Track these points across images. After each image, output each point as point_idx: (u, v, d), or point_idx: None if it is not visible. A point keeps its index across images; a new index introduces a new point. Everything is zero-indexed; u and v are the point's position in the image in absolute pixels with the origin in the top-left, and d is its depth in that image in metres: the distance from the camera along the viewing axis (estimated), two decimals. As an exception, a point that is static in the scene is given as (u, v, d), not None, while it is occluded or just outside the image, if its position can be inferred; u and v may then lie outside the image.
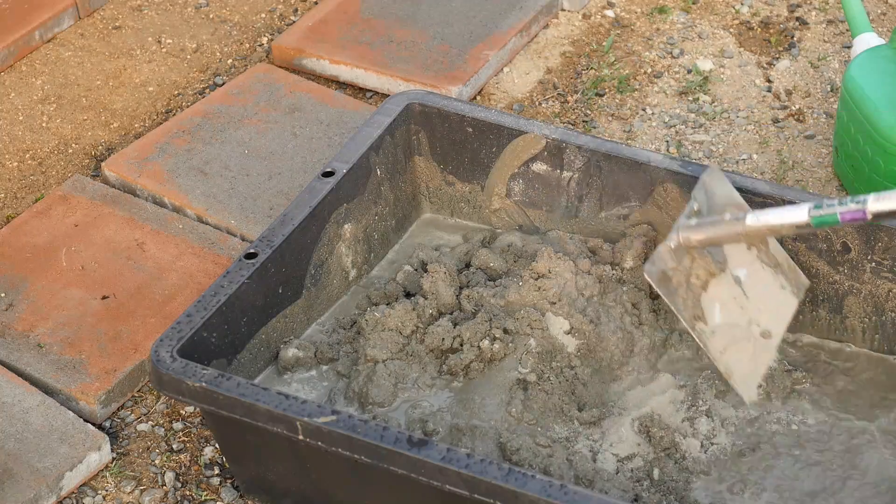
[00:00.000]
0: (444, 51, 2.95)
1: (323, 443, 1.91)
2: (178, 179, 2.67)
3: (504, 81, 2.96)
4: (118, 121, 2.89)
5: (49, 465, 2.16)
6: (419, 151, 2.49)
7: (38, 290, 2.45)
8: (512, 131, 2.41)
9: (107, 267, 2.50)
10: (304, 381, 2.22)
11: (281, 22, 3.16)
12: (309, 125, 2.80)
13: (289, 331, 2.26)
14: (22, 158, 2.80)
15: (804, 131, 2.84)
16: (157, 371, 1.99)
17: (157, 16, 3.18)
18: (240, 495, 2.19)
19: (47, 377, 2.30)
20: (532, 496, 1.79)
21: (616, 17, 3.15)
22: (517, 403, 2.12)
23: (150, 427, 2.30)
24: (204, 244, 2.53)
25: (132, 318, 2.40)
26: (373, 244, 2.42)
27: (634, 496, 2.03)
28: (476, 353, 2.18)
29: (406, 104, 2.45)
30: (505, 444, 2.06)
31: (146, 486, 2.22)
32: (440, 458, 1.84)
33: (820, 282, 2.26)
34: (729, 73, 2.99)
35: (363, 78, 2.93)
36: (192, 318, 2.07)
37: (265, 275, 2.18)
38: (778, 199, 2.23)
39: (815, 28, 3.10)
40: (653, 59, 3.03)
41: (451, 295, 2.28)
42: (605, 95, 2.93)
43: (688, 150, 2.79)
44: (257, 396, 1.94)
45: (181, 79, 3.00)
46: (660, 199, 2.33)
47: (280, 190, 2.65)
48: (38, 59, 3.04)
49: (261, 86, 2.90)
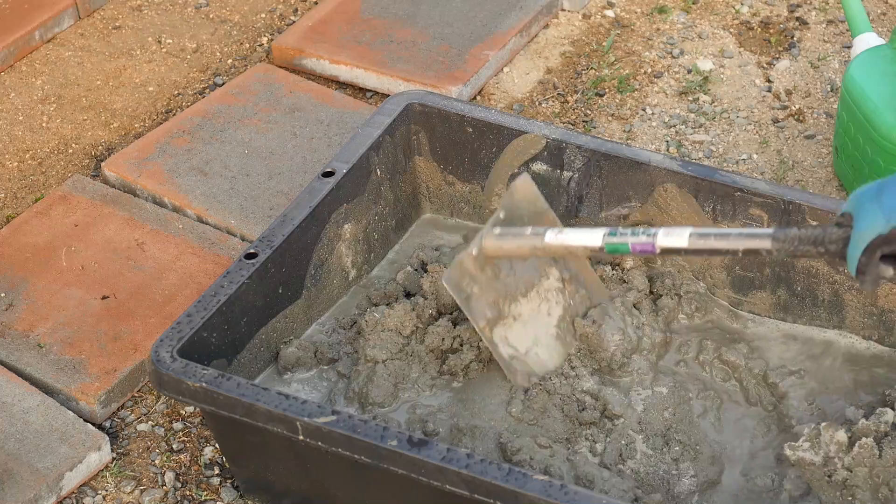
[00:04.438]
0: (444, 51, 2.94)
1: (323, 443, 1.91)
2: (178, 179, 2.67)
3: (504, 81, 2.96)
4: (118, 121, 2.89)
5: (49, 465, 2.16)
6: (419, 151, 2.49)
7: (38, 290, 2.45)
8: (512, 131, 2.41)
9: (107, 267, 2.50)
10: (304, 382, 2.22)
11: (281, 22, 3.16)
12: (309, 125, 2.80)
13: (289, 331, 2.26)
14: (22, 158, 2.80)
15: (804, 131, 2.84)
16: (157, 371, 1.99)
17: (157, 16, 3.18)
18: (240, 495, 2.19)
19: (47, 377, 2.30)
20: (532, 496, 1.79)
21: (616, 17, 3.15)
22: (517, 403, 2.12)
23: (150, 427, 2.30)
24: (204, 244, 2.53)
25: (132, 318, 2.40)
26: (373, 244, 2.42)
27: (634, 496, 2.03)
28: (476, 353, 2.18)
29: (406, 104, 2.45)
30: (505, 445, 2.06)
31: (146, 486, 2.22)
32: (440, 459, 1.84)
33: (820, 282, 2.26)
34: (729, 73, 2.99)
35: (363, 78, 2.93)
36: (192, 318, 2.07)
37: (265, 275, 2.18)
38: (778, 199, 2.23)
39: (815, 28, 3.10)
40: (653, 59, 3.03)
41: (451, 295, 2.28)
42: (605, 95, 2.93)
43: (688, 150, 2.79)
44: (257, 396, 1.94)
45: (181, 79, 3.00)
46: (660, 199, 2.33)
47: (280, 190, 2.65)
48: (38, 59, 3.04)
49: (261, 86, 2.90)
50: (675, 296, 2.32)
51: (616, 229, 1.95)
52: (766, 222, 2.26)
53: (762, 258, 2.24)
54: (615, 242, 1.94)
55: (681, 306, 2.31)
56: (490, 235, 2.05)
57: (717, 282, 2.33)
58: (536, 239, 2.02)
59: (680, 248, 1.89)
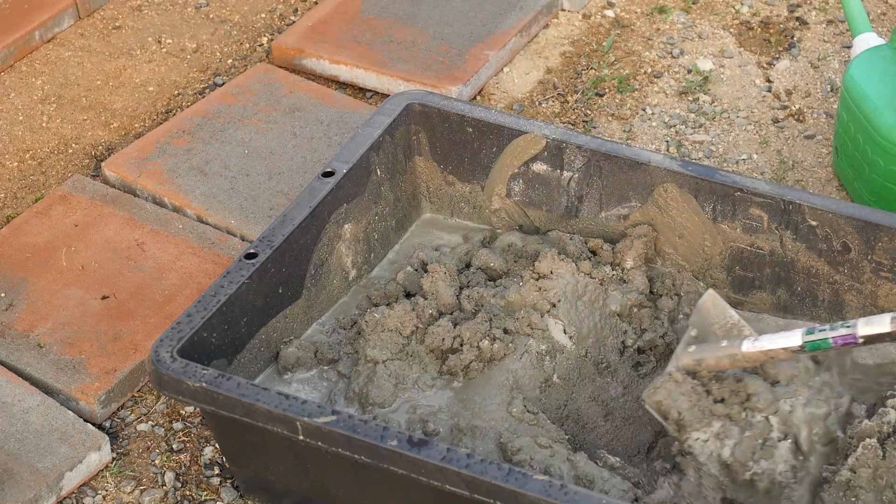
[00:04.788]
0: (444, 51, 2.94)
1: (323, 443, 1.91)
2: (178, 179, 2.67)
3: (504, 81, 2.96)
4: (118, 121, 2.89)
5: (49, 465, 2.16)
6: (419, 151, 2.49)
7: (38, 290, 2.45)
8: (512, 131, 2.41)
9: (107, 267, 2.50)
10: (304, 382, 2.22)
11: (281, 22, 3.16)
12: (309, 125, 2.80)
13: (289, 331, 2.26)
14: (22, 158, 2.80)
15: (804, 131, 2.84)
16: (157, 371, 1.99)
17: (157, 16, 3.18)
18: (240, 495, 2.19)
19: (47, 377, 2.30)
20: (532, 496, 1.79)
21: (616, 17, 3.15)
22: (518, 403, 2.12)
23: (150, 427, 2.30)
24: (204, 244, 2.53)
25: (132, 318, 2.40)
26: (373, 244, 2.42)
27: (634, 496, 2.03)
28: (476, 353, 2.18)
29: (406, 104, 2.45)
30: (506, 445, 2.06)
31: (146, 486, 2.22)
32: (440, 458, 1.84)
33: (820, 282, 2.26)
34: (729, 73, 2.99)
35: (363, 78, 2.93)
36: (192, 318, 2.07)
37: (265, 275, 2.18)
38: (778, 199, 2.23)
39: (815, 28, 3.10)
40: (653, 59, 3.03)
41: (451, 295, 2.28)
42: (605, 95, 2.93)
43: (688, 150, 2.79)
44: (257, 396, 1.94)
45: (181, 79, 3.00)
46: (660, 199, 2.33)
47: (280, 190, 2.65)
48: (38, 59, 3.04)
49: (261, 86, 2.90)
50: (675, 296, 2.32)
51: (814, 327, 1.96)
52: (765, 222, 2.26)
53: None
54: (815, 340, 1.96)
55: (681, 306, 2.31)
56: (685, 354, 2.07)
57: (718, 282, 2.34)
58: (734, 349, 2.03)
59: (884, 334, 1.91)
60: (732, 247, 2.31)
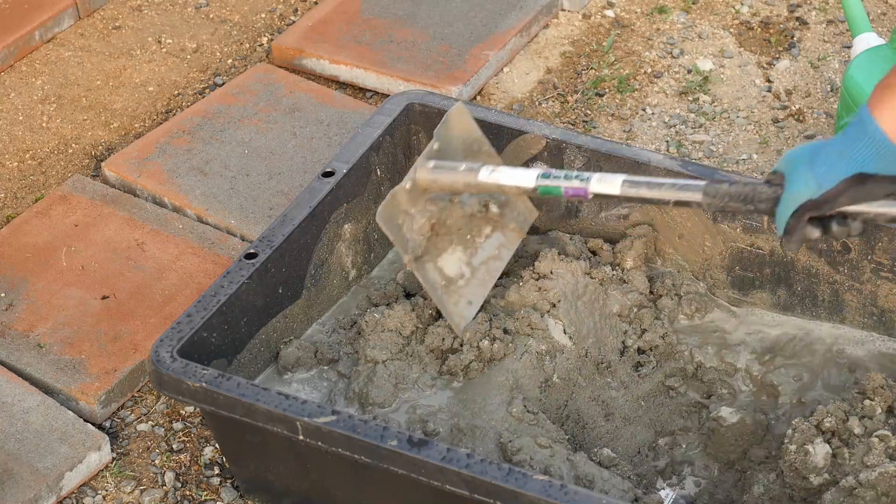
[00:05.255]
0: (444, 51, 2.94)
1: (323, 443, 1.91)
2: (178, 179, 2.67)
3: (504, 81, 2.96)
4: (118, 121, 2.89)
5: (49, 465, 2.16)
6: (419, 151, 2.49)
7: (38, 290, 2.45)
8: (512, 131, 2.41)
9: (107, 267, 2.50)
10: (304, 382, 2.22)
11: (281, 22, 3.16)
12: (309, 125, 2.80)
13: (289, 331, 2.26)
14: (22, 158, 2.80)
15: (804, 131, 2.84)
16: (157, 371, 1.99)
17: (157, 16, 3.18)
18: (240, 495, 2.19)
19: (47, 377, 2.30)
20: (532, 496, 1.79)
21: (616, 17, 3.15)
22: (518, 403, 2.12)
23: (150, 427, 2.30)
24: (204, 244, 2.53)
25: (132, 318, 2.40)
26: (373, 244, 2.42)
27: (634, 496, 2.03)
28: (476, 353, 2.18)
29: (406, 104, 2.45)
30: (506, 445, 2.06)
31: (146, 486, 2.22)
32: (440, 458, 1.84)
33: (820, 282, 2.26)
34: (729, 73, 2.99)
35: (363, 78, 2.93)
36: (192, 318, 2.07)
37: (265, 275, 2.18)
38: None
39: (815, 28, 3.10)
40: (653, 59, 3.03)
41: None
42: (605, 95, 2.93)
43: (688, 150, 2.79)
44: (257, 396, 1.94)
45: (181, 79, 3.00)
46: (660, 199, 2.33)
47: (280, 190, 2.65)
48: (38, 59, 3.04)
49: (261, 86, 2.90)
50: (675, 296, 2.32)
51: (550, 171, 1.93)
52: (765, 222, 2.26)
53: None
54: (548, 185, 1.92)
55: (681, 306, 2.31)
56: (423, 168, 2.01)
57: (717, 282, 2.34)
58: (470, 175, 1.98)
59: (612, 195, 1.88)
60: (732, 247, 2.31)
